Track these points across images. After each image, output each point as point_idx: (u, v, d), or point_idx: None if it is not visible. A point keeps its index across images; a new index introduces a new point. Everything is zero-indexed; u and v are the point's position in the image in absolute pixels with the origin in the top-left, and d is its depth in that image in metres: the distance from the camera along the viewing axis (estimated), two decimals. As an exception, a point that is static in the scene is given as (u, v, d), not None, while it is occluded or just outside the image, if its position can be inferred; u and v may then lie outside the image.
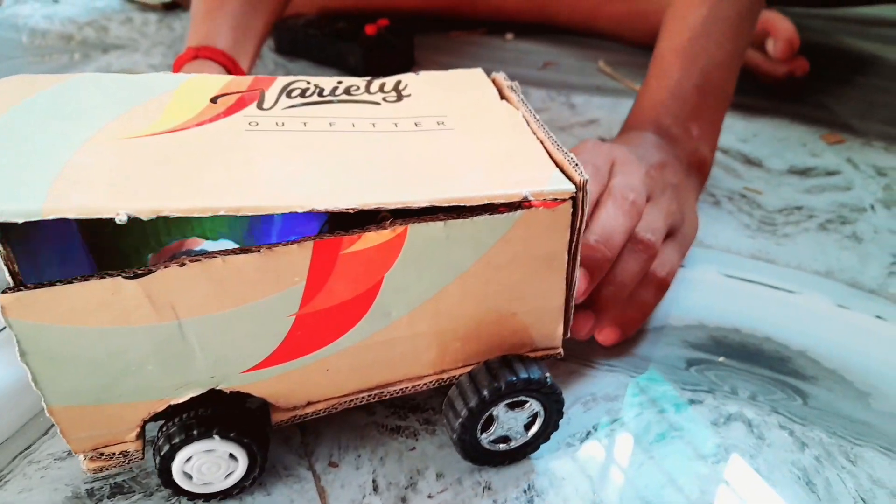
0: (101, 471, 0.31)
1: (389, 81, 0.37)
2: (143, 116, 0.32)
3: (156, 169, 0.28)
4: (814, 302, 0.46)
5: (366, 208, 0.28)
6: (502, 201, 0.30)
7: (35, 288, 0.26)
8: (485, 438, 0.34)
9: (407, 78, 0.37)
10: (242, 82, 0.36)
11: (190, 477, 0.32)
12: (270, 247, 0.28)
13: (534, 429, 0.35)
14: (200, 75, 0.36)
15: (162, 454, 0.31)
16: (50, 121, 0.31)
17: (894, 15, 0.92)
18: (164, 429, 0.31)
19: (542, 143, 0.33)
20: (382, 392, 0.34)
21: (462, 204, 0.29)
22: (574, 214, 0.31)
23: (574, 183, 0.30)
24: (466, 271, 0.31)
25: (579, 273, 0.35)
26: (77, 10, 0.88)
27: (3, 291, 0.26)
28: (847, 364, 0.42)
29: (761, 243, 0.51)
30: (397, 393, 0.34)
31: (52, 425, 0.37)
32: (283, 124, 0.32)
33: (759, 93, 0.72)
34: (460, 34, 0.84)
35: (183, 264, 0.27)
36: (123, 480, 0.35)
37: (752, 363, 0.42)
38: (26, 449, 0.36)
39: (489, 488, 0.35)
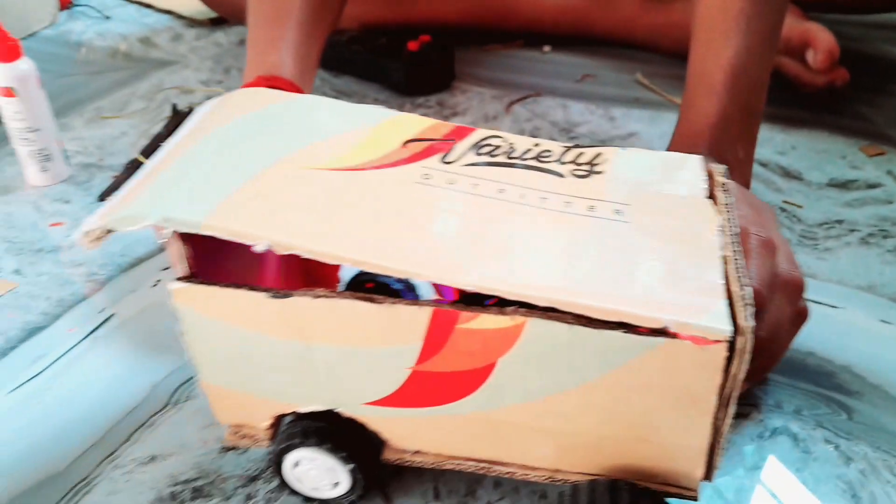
0: (236, 445, 0.36)
1: (588, 153, 0.35)
2: (335, 147, 0.34)
3: (314, 204, 0.31)
4: (856, 317, 0.47)
5: (481, 292, 0.28)
6: (640, 323, 0.27)
7: (201, 283, 0.31)
8: None
9: (609, 152, 0.35)
10: (442, 129, 0.36)
11: (297, 478, 0.35)
12: (394, 302, 0.29)
13: None
14: (410, 115, 0.36)
15: (279, 448, 0.34)
16: (253, 138, 0.34)
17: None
18: (286, 427, 0.34)
19: (725, 264, 0.29)
20: (490, 468, 0.33)
21: (589, 315, 0.27)
22: (730, 360, 0.27)
23: (736, 327, 0.27)
24: (591, 382, 0.29)
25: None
26: (128, 26, 0.91)
27: (176, 279, 0.31)
28: (891, 380, 0.43)
29: (802, 258, 0.52)
30: (506, 474, 0.33)
31: (135, 431, 0.40)
32: (453, 183, 0.32)
33: (798, 104, 0.73)
34: (497, 47, 0.86)
35: (317, 296, 0.29)
36: (203, 485, 0.37)
37: (797, 378, 0.43)
38: (111, 454, 0.39)
39: (544, 497, 0.36)
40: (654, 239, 0.30)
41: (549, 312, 0.28)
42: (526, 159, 0.34)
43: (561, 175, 0.33)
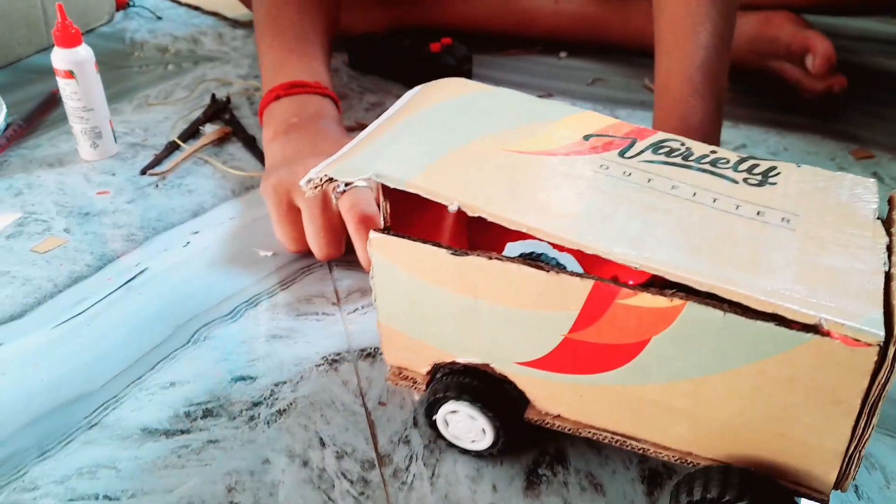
0: (396, 384, 0.40)
1: (764, 164, 0.36)
2: (526, 135, 0.38)
3: (502, 178, 0.35)
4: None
5: (649, 272, 0.30)
6: (793, 318, 0.29)
7: (394, 236, 0.36)
8: None
9: (785, 167, 0.36)
10: (623, 128, 0.39)
11: (446, 424, 0.39)
12: (559, 271, 0.32)
13: None
14: (589, 112, 0.40)
15: (430, 398, 0.38)
16: (458, 118, 0.39)
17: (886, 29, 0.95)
18: (443, 379, 0.37)
19: (888, 279, 0.30)
20: (626, 441, 0.36)
21: (746, 304, 0.29)
22: (880, 365, 0.28)
23: (890, 334, 0.28)
24: (737, 369, 0.31)
25: None
26: (176, 25, 0.99)
27: (374, 230, 0.36)
28: None
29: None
30: (639, 450, 0.35)
31: (159, 362, 0.46)
32: (629, 174, 0.35)
33: (796, 110, 0.77)
34: (517, 52, 0.91)
35: (491, 258, 0.34)
36: (213, 407, 0.43)
37: None
38: (137, 379, 0.45)
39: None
40: (819, 248, 0.31)
41: (707, 299, 0.30)
42: (702, 163, 0.36)
43: (735, 181, 0.35)
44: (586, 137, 0.38)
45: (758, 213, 0.33)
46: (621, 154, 0.37)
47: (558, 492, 0.38)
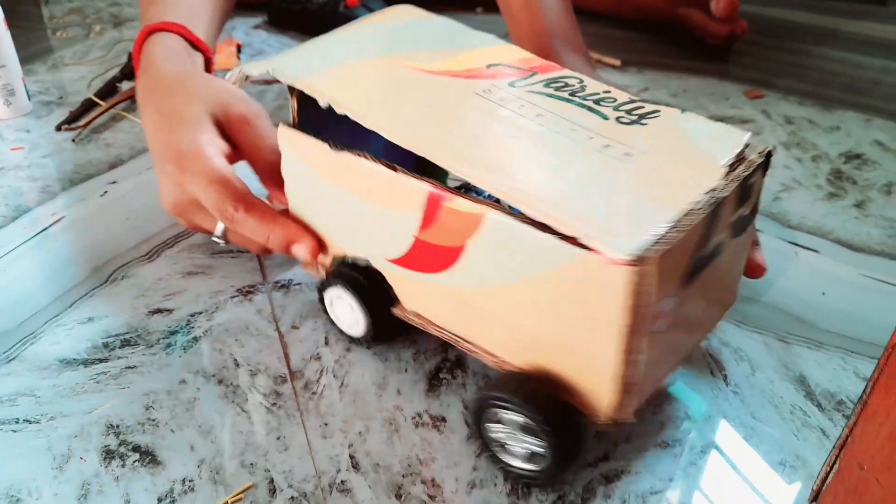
0: (306, 269, 0.44)
1: (647, 108, 0.37)
2: (436, 57, 0.41)
3: (383, 87, 0.39)
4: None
5: (470, 183, 0.34)
6: (561, 230, 0.30)
7: (297, 131, 0.39)
8: (490, 427, 0.36)
9: (667, 112, 0.37)
10: (533, 62, 0.41)
11: (332, 305, 0.43)
12: (405, 173, 0.35)
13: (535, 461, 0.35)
14: (510, 46, 0.42)
15: (321, 283, 0.43)
16: (381, 37, 0.43)
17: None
18: (333, 269, 0.42)
19: (684, 212, 0.30)
20: (463, 343, 0.38)
21: (527, 214, 0.31)
22: (640, 286, 0.29)
23: (646, 255, 0.28)
24: (527, 278, 0.32)
25: None
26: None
27: (286, 124, 0.40)
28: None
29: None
30: (472, 353, 0.37)
31: (77, 300, 0.47)
32: (504, 100, 0.37)
33: (699, 57, 0.81)
34: (437, 7, 0.93)
35: (359, 155, 0.37)
36: (131, 337, 0.44)
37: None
38: (55, 317, 0.46)
39: (414, 343, 0.44)
40: (642, 182, 0.32)
41: (510, 212, 0.32)
42: (585, 99, 0.37)
43: (606, 118, 0.36)
44: (489, 66, 0.41)
45: (605, 147, 0.34)
46: (511, 84, 0.39)
47: (456, 392, 0.41)
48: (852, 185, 0.59)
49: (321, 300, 0.43)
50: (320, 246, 0.42)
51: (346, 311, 0.42)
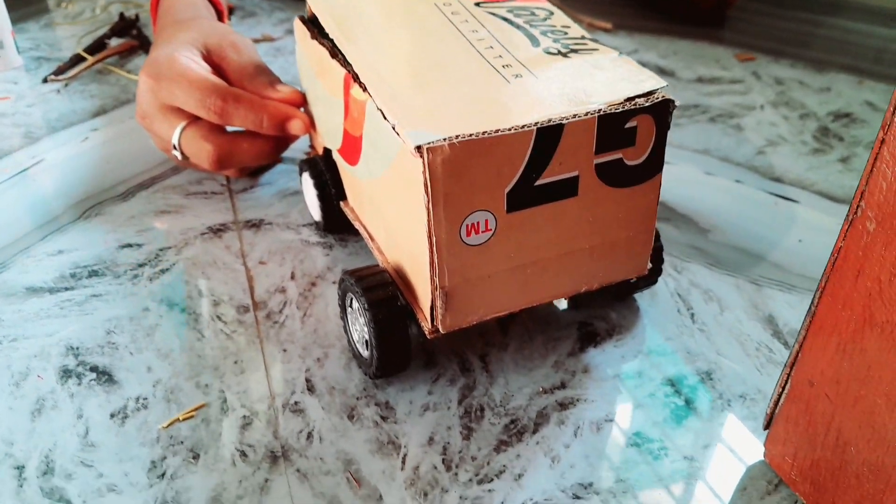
0: (309, 154, 0.49)
1: (589, 45, 0.36)
2: None
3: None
4: (685, 170, 0.55)
5: (355, 67, 0.35)
6: (388, 118, 0.31)
7: (303, 23, 0.43)
8: (347, 310, 0.38)
9: (604, 52, 0.36)
10: None
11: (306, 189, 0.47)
12: (336, 60, 0.38)
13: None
14: None
15: (299, 167, 0.47)
16: None
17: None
18: (312, 157, 0.46)
19: (506, 126, 0.30)
20: (369, 240, 0.39)
21: (380, 108, 0.32)
22: (429, 177, 0.29)
23: (431, 146, 0.29)
24: (386, 169, 0.34)
25: None
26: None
27: (301, 19, 0.43)
28: (698, 210, 0.50)
29: (654, 130, 0.60)
30: (374, 250, 0.39)
31: (48, 234, 0.47)
32: (455, 13, 0.39)
33: (692, 22, 0.80)
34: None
35: (321, 43, 0.40)
36: (99, 269, 0.44)
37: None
38: (25, 249, 0.46)
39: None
40: (499, 100, 0.32)
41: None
42: (534, 27, 0.38)
43: (536, 45, 0.36)
44: None
45: (505, 66, 0.34)
46: (478, 3, 0.40)
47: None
48: (839, 142, 0.58)
49: (299, 178, 0.49)
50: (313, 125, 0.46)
51: (311, 197, 0.46)
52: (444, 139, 0.29)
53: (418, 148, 0.29)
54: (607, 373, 0.38)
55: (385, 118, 0.32)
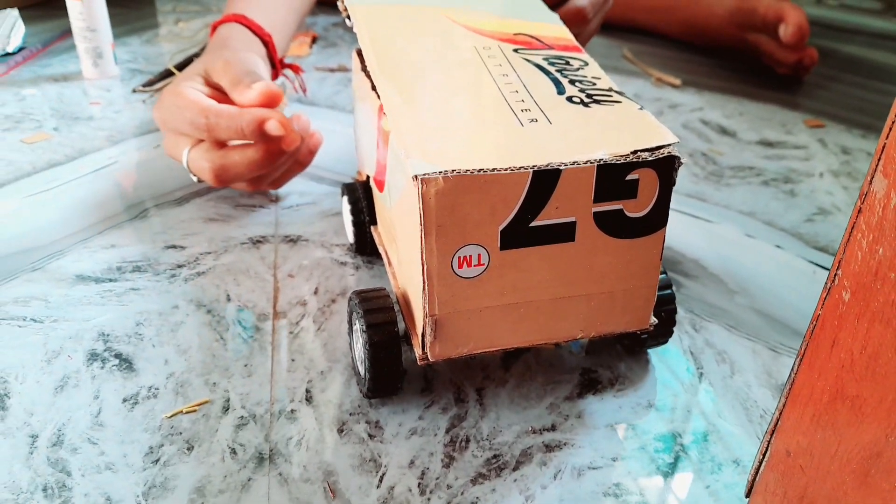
0: (356, 179, 0.52)
1: (615, 97, 0.36)
2: (482, 16, 0.44)
3: (408, 24, 0.43)
4: (726, 230, 0.54)
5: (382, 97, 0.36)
6: (398, 145, 0.33)
7: (357, 54, 0.45)
8: (353, 327, 0.39)
9: (627, 103, 0.36)
10: (559, 41, 0.42)
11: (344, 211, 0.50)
12: (375, 91, 0.39)
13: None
14: (560, 27, 0.44)
15: (341, 189, 0.49)
16: None
17: (873, 24, 0.96)
18: (355, 182, 0.48)
19: (505, 166, 0.31)
20: (388, 265, 0.41)
21: (394, 136, 0.34)
22: (425, 205, 0.30)
23: (429, 178, 0.30)
24: (401, 195, 0.34)
25: None
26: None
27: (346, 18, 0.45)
28: (729, 270, 0.49)
29: (701, 188, 0.59)
30: (389, 270, 0.41)
31: (106, 229, 0.51)
32: (491, 57, 0.40)
33: (764, 84, 0.79)
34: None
35: (364, 69, 0.42)
36: (143, 265, 0.48)
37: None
38: (84, 239, 0.50)
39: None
40: (509, 142, 0.32)
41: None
42: (563, 72, 0.38)
43: (561, 93, 0.36)
44: (517, 34, 0.43)
45: (524, 110, 0.35)
46: (515, 50, 0.41)
47: (421, 348, 0.42)
48: (896, 218, 0.56)
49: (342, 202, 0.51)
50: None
51: (347, 219, 0.49)
52: (440, 172, 0.30)
53: (415, 177, 0.30)
54: (601, 421, 0.38)
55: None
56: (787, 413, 0.29)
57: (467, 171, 0.30)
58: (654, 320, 0.37)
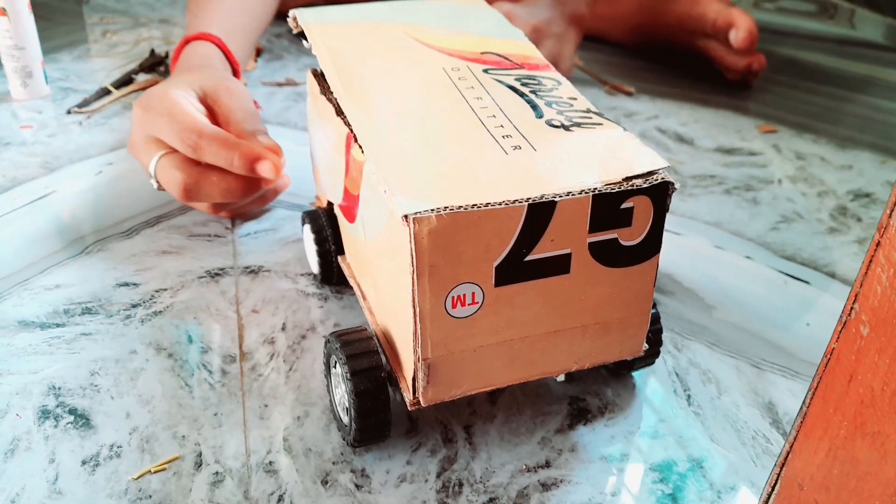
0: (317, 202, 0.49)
1: (594, 119, 0.35)
2: (445, 34, 0.43)
3: (369, 44, 0.41)
4: (695, 242, 0.54)
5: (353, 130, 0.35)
6: (379, 183, 0.31)
7: (314, 74, 0.43)
8: (331, 371, 0.37)
9: (609, 126, 0.35)
10: (530, 60, 0.41)
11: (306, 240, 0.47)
12: (340, 118, 0.37)
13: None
14: (529, 45, 0.42)
15: (302, 217, 0.46)
16: (411, 10, 0.45)
17: (834, 31, 0.98)
18: (315, 210, 0.46)
19: (496, 200, 0.29)
20: (362, 297, 0.39)
21: (376, 170, 0.31)
22: (415, 246, 0.28)
23: (420, 216, 0.28)
24: (381, 230, 0.33)
25: None
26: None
27: (314, 72, 0.43)
28: (703, 285, 0.49)
29: (667, 199, 0.59)
30: (364, 305, 0.38)
31: (49, 267, 0.47)
32: (463, 79, 0.38)
33: (716, 90, 0.80)
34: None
35: (328, 96, 0.40)
36: (93, 306, 0.44)
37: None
38: (24, 281, 0.46)
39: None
40: (493, 172, 0.31)
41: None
42: (540, 98, 0.37)
43: (539, 117, 0.35)
44: (484, 52, 0.41)
45: (505, 136, 0.33)
46: (486, 70, 0.39)
47: (403, 385, 0.40)
48: (856, 222, 0.57)
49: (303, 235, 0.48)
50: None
51: (311, 249, 0.46)
52: (432, 210, 0.28)
53: (405, 217, 0.28)
54: (595, 454, 0.36)
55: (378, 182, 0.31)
56: (798, 446, 0.28)
57: (461, 207, 0.28)
58: (645, 346, 0.36)
